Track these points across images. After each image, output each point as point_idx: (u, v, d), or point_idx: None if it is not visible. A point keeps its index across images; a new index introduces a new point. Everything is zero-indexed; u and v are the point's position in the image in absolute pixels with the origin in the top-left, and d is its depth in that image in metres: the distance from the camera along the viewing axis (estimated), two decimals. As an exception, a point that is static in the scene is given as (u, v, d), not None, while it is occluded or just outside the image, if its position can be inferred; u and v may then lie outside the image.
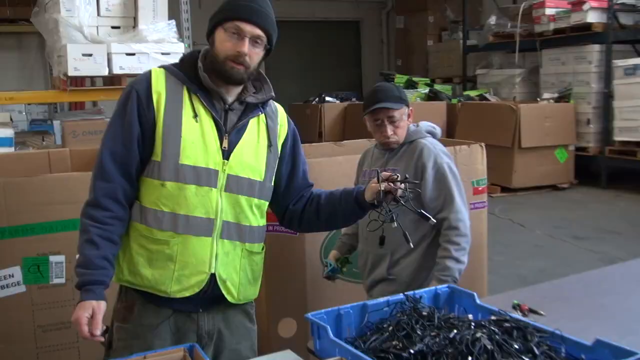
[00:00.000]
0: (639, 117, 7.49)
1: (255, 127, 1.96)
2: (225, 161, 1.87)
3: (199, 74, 1.87)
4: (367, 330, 1.86)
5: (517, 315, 1.93)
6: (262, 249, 2.07)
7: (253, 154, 1.94)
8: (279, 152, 2.03)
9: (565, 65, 8.56)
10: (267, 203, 2.03)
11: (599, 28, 8.04)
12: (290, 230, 3.09)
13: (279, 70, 12.84)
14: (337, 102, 9.89)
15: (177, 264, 1.84)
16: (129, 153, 1.83)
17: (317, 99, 10.05)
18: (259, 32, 1.85)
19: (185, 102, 1.85)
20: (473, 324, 1.70)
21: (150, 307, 1.89)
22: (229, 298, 1.94)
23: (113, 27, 5.48)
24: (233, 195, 1.89)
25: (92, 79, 5.98)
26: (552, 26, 8.58)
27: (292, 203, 2.11)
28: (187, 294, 1.86)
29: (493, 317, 1.75)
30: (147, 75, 1.87)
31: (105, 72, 5.29)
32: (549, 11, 8.62)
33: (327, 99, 9.88)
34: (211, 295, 1.91)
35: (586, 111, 8.25)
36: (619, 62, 7.72)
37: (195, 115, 1.84)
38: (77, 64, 5.08)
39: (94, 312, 1.71)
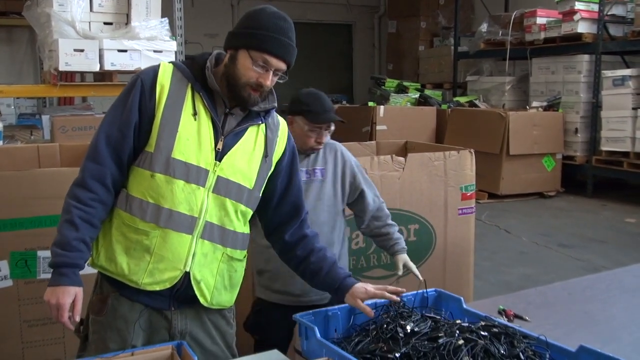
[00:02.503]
0: (625, 128, 7.56)
1: (254, 135, 1.95)
2: (217, 162, 1.87)
3: (205, 74, 1.88)
4: (353, 332, 1.88)
5: (502, 320, 1.95)
6: (244, 257, 2.05)
7: (246, 160, 1.93)
8: (274, 166, 2.02)
9: (554, 75, 8.64)
10: (252, 212, 2.01)
11: (589, 38, 8.12)
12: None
13: (270, 71, 12.85)
14: (328, 104, 9.89)
15: (153, 257, 1.83)
16: (123, 139, 1.83)
17: (307, 100, 10.04)
18: (284, 66, 1.87)
19: (187, 99, 1.86)
20: (460, 328, 1.72)
21: (124, 300, 1.88)
22: (201, 300, 1.91)
23: (105, 23, 5.46)
24: (220, 197, 1.89)
25: (82, 74, 5.96)
26: (542, 35, 8.65)
27: (289, 233, 2.08)
28: (157, 287, 1.85)
29: (482, 323, 1.77)
30: (155, 68, 1.89)
31: (97, 68, 5.27)
32: (540, 20, 8.69)
33: (318, 101, 9.88)
34: (184, 294, 1.89)
35: (574, 120, 8.32)
36: (608, 73, 7.80)
37: (195, 113, 1.85)
38: (69, 59, 5.06)
39: (76, 299, 1.73)
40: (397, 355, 1.61)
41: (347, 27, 13.77)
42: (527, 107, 8.57)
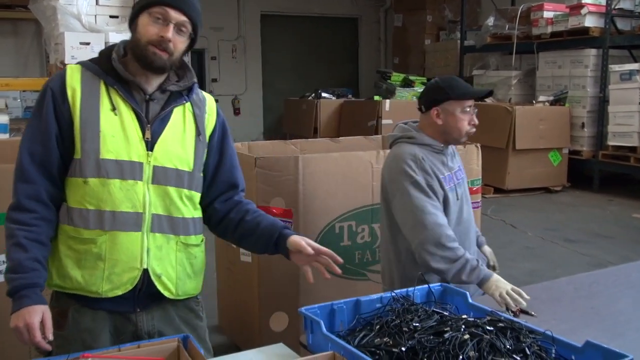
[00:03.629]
0: (633, 123, 7.53)
1: (181, 116, 1.90)
2: (150, 152, 1.81)
3: (114, 66, 1.82)
4: (359, 326, 1.88)
5: (507, 315, 1.95)
6: (202, 241, 2.01)
7: (179, 143, 1.88)
8: (207, 142, 1.97)
9: (561, 69, 8.60)
10: (199, 195, 1.96)
11: (597, 32, 8.08)
12: (285, 225, 3.11)
13: (276, 64, 12.85)
14: (333, 98, 9.90)
15: (107, 263, 1.78)
16: (48, 152, 1.77)
17: (313, 94, 10.05)
18: (184, 18, 1.81)
19: (103, 95, 1.80)
20: (466, 322, 1.71)
21: (85, 310, 1.83)
22: (166, 294, 1.88)
23: (111, 17, 5.46)
24: (161, 186, 1.84)
25: (89, 67, 5.96)
26: (549, 29, 8.60)
27: (219, 201, 2.03)
28: (119, 292, 1.81)
29: (488, 317, 1.76)
30: (62, 73, 1.82)
31: (103, 61, 5.27)
32: (547, 14, 8.65)
33: (323, 95, 9.89)
34: (147, 292, 1.85)
35: (581, 115, 8.29)
36: (615, 67, 7.75)
37: (114, 108, 1.79)
38: (75, 52, 5.05)
39: (44, 317, 1.65)
40: (403, 349, 1.61)
41: (353, 21, 13.73)
42: (534, 102, 8.54)
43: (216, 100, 2.12)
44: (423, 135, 2.60)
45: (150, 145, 1.82)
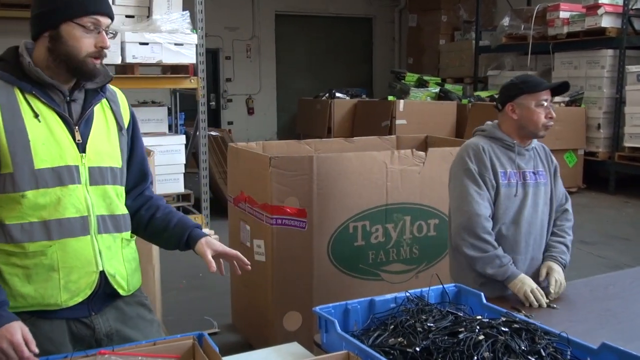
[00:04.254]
0: (650, 124, 7.46)
1: (102, 114, 1.88)
2: (83, 154, 1.78)
3: (26, 71, 1.73)
4: (373, 325, 1.88)
5: (521, 315, 1.94)
6: (132, 236, 1.99)
7: (107, 141, 1.86)
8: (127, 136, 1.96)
9: (577, 69, 8.54)
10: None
11: (613, 33, 8.01)
12: (298, 225, 3.12)
13: (290, 64, 12.86)
14: (347, 98, 9.89)
15: (62, 271, 1.74)
16: None
17: (327, 94, 10.05)
18: (110, 21, 1.78)
19: (22, 104, 1.71)
20: (481, 323, 1.71)
21: (42, 322, 1.77)
22: (121, 292, 1.87)
23: (127, 16, 5.51)
24: (100, 187, 1.82)
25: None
26: (565, 29, 8.55)
27: (130, 197, 2.00)
28: (79, 299, 1.78)
29: (503, 318, 1.75)
30: None
31: (119, 61, 5.31)
32: (563, 14, 8.59)
33: (337, 94, 9.88)
34: (102, 294, 1.84)
35: (597, 116, 8.22)
36: (632, 68, 7.69)
37: (36, 115, 1.72)
38: (91, 52, 5.09)
39: (23, 332, 1.61)
40: (417, 349, 1.61)
41: (368, 21, 13.72)
42: (549, 102, 8.48)
43: (229, 100, 2.12)
44: (495, 130, 2.68)
45: (81, 147, 1.78)
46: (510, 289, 2.43)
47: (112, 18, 1.79)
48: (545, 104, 2.56)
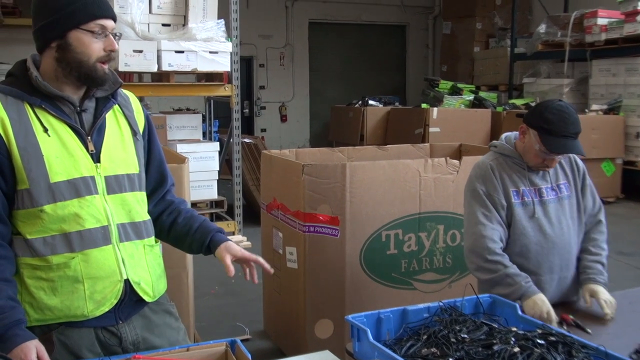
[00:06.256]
0: (691, 133, 7.28)
1: (114, 120, 1.87)
2: (98, 164, 1.78)
3: (34, 85, 1.74)
4: (406, 335, 1.86)
5: (559, 329, 1.90)
6: (156, 240, 2.00)
7: (121, 148, 1.85)
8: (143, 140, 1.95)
9: (615, 77, 8.38)
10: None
11: (653, 39, 7.85)
12: (331, 232, 3.12)
13: (323, 71, 12.90)
14: (380, 106, 9.87)
15: (86, 282, 1.75)
16: None
17: (360, 102, 10.05)
18: (114, 24, 1.78)
19: (32, 118, 1.72)
20: (516, 335, 1.68)
21: (70, 330, 1.78)
22: (146, 299, 1.87)
23: (164, 25, 5.60)
24: (118, 195, 1.82)
25: (140, 74, 6.10)
26: (603, 36, 8.40)
27: (152, 202, 2.00)
28: (105, 308, 1.78)
29: (539, 330, 1.73)
30: None
31: (155, 69, 5.40)
32: (601, 21, 8.44)
33: (370, 102, 9.87)
34: (128, 302, 1.84)
35: (636, 124, 8.05)
36: (673, 75, 7.52)
37: (46, 130, 1.72)
38: (128, 60, 5.19)
39: (39, 351, 1.61)
40: (450, 360, 1.59)
41: (401, 28, 13.69)
42: (586, 110, 8.33)
43: (263, 107, 2.13)
44: (505, 146, 2.59)
45: (96, 157, 1.78)
46: (523, 307, 2.25)
47: (115, 20, 1.80)
48: (546, 157, 2.43)
